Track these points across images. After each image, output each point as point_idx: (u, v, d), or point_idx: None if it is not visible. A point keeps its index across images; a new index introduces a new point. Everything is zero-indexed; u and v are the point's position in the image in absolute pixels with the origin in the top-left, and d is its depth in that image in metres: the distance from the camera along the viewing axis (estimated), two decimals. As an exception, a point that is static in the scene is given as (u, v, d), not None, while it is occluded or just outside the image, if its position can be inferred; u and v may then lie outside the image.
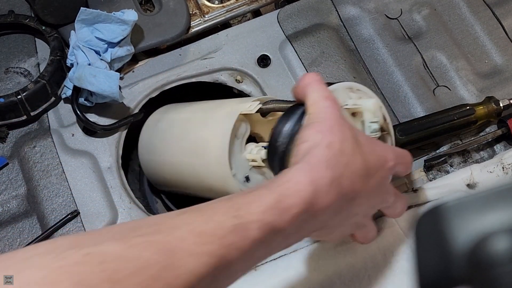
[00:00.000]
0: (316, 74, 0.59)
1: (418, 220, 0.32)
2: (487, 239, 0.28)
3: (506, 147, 0.79)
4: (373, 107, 0.59)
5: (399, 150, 0.61)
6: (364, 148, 0.54)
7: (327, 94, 0.57)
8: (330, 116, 0.54)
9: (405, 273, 0.66)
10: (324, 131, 0.53)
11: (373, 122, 0.59)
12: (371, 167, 0.54)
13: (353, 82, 0.63)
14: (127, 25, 0.76)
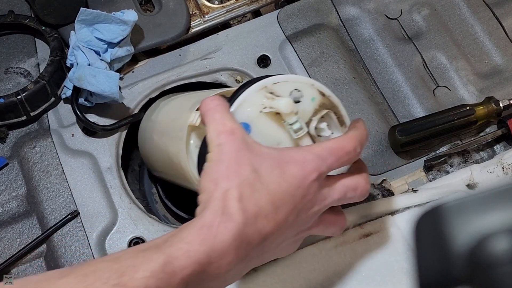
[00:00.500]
0: (216, 99, 0.54)
1: (418, 220, 0.32)
2: (487, 239, 0.28)
3: (506, 148, 0.79)
4: (284, 108, 0.54)
5: (330, 147, 0.52)
6: (270, 179, 0.49)
7: (222, 126, 0.51)
8: (224, 157, 0.49)
9: (405, 273, 0.66)
10: (218, 179, 0.48)
11: (292, 123, 0.54)
12: (281, 198, 0.48)
13: (270, 77, 0.57)
14: (127, 25, 0.76)
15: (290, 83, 0.56)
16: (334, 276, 0.67)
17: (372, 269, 0.67)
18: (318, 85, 0.57)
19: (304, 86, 0.56)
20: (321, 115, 0.57)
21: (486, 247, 0.28)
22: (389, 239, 0.69)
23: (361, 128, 0.56)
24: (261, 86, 0.55)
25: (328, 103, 0.58)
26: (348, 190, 0.55)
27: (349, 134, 0.55)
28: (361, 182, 0.56)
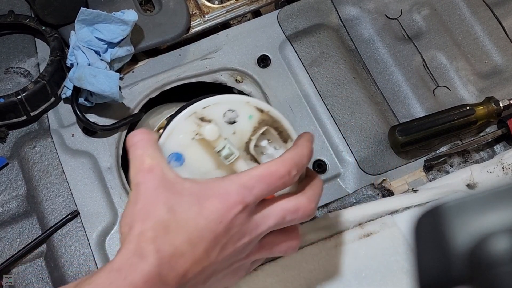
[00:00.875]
0: (139, 133, 0.52)
1: (418, 220, 0.32)
2: (487, 239, 0.28)
3: (506, 147, 0.79)
4: (208, 135, 0.51)
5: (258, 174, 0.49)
6: (187, 216, 0.47)
7: (140, 164, 0.49)
8: (140, 197, 0.48)
9: (405, 273, 0.66)
10: (132, 221, 0.47)
11: (220, 150, 0.51)
12: (199, 235, 0.47)
13: (200, 101, 0.53)
14: (127, 25, 0.76)
15: (222, 105, 0.53)
16: (334, 276, 0.67)
17: (372, 269, 0.67)
18: (254, 101, 0.54)
19: (238, 105, 0.53)
20: (260, 133, 0.53)
21: (486, 247, 0.28)
22: (389, 239, 0.69)
23: (300, 147, 0.52)
24: (189, 113, 0.53)
25: (268, 119, 0.54)
26: (287, 214, 0.51)
27: (283, 157, 0.51)
28: (303, 203, 0.52)
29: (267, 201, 0.51)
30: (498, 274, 0.28)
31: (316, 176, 0.56)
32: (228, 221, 0.47)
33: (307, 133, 0.55)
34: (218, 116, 0.53)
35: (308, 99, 0.81)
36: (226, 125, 0.53)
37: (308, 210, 0.52)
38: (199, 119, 0.52)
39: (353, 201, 0.74)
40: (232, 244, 0.49)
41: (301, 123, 0.79)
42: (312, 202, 0.53)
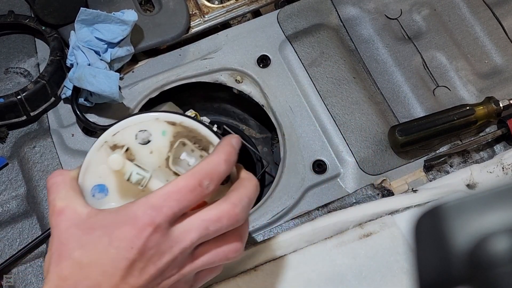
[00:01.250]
0: (54, 176, 0.53)
1: (418, 220, 0.32)
2: (487, 239, 0.28)
3: (506, 148, 0.79)
4: (112, 166, 0.50)
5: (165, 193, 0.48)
6: (98, 249, 0.47)
7: (52, 208, 0.50)
8: (54, 241, 0.49)
9: (405, 273, 0.66)
10: (50, 265, 0.48)
11: (128, 178, 0.51)
12: (113, 265, 0.47)
13: (109, 129, 0.52)
14: (127, 25, 0.76)
15: (131, 127, 0.51)
16: (334, 276, 0.67)
17: (372, 269, 0.67)
18: (163, 116, 0.52)
19: (148, 123, 0.51)
20: (175, 147, 0.52)
21: (486, 247, 0.28)
22: (389, 239, 0.69)
23: (215, 154, 0.50)
24: (100, 144, 0.52)
25: (182, 130, 0.52)
26: (209, 224, 0.49)
27: (193, 169, 0.49)
28: (225, 211, 0.50)
29: (187, 215, 0.50)
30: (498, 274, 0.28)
31: (246, 177, 0.54)
32: (141, 245, 0.47)
33: (228, 136, 0.53)
34: (131, 140, 0.51)
35: (308, 99, 0.81)
36: (141, 146, 0.51)
37: (232, 216, 0.50)
38: (112, 147, 0.51)
39: (353, 201, 0.74)
40: (153, 264, 0.48)
41: (301, 123, 0.79)
42: (236, 207, 0.50)
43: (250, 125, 0.98)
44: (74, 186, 0.52)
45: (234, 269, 0.68)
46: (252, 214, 0.74)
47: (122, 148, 0.51)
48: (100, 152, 0.52)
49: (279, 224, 0.73)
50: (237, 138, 0.53)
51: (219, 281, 0.67)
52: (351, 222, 0.70)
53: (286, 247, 0.69)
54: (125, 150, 0.51)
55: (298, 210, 0.74)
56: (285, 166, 0.77)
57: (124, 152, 0.51)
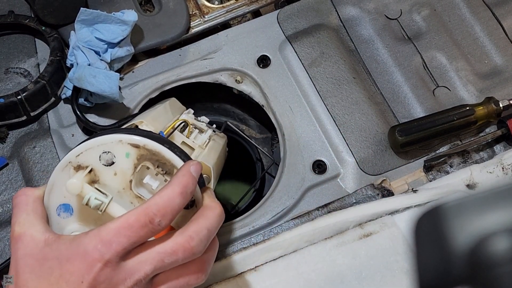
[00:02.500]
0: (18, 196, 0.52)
1: (418, 220, 0.32)
2: (487, 239, 0.28)
3: (506, 148, 0.79)
4: (70, 191, 0.49)
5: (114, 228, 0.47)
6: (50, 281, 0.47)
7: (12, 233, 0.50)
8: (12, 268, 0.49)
9: (405, 273, 0.66)
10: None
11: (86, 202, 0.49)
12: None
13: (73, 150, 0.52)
14: (127, 25, 0.76)
15: (94, 149, 0.51)
16: (334, 276, 0.67)
17: (372, 269, 0.67)
18: (127, 138, 0.51)
19: (111, 145, 0.50)
20: (138, 171, 0.51)
21: (486, 247, 0.28)
22: (389, 239, 0.69)
23: (170, 187, 0.49)
24: (64, 164, 0.51)
25: (146, 153, 0.51)
26: (164, 257, 0.48)
27: (145, 204, 0.48)
28: (181, 244, 0.49)
29: (142, 246, 0.49)
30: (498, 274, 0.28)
31: (209, 206, 0.52)
32: (91, 279, 0.46)
33: (187, 164, 0.51)
34: (94, 161, 0.51)
35: (308, 99, 0.81)
36: (105, 167, 0.51)
37: (188, 250, 0.48)
38: (76, 168, 0.51)
39: (353, 201, 0.74)
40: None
41: (301, 123, 0.79)
42: (192, 240, 0.49)
43: (250, 125, 0.98)
44: (36, 208, 0.52)
45: (234, 269, 0.68)
46: (252, 214, 0.74)
47: (85, 169, 0.50)
48: (64, 172, 0.51)
49: (279, 224, 0.73)
50: (196, 165, 0.51)
51: (219, 281, 0.67)
52: (351, 222, 0.70)
53: (286, 247, 0.69)
54: (89, 171, 0.50)
55: (298, 210, 0.74)
56: (285, 166, 0.77)
57: (87, 173, 0.50)
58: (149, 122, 0.61)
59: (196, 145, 0.66)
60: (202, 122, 0.70)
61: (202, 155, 0.65)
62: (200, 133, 0.70)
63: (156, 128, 0.61)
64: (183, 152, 0.54)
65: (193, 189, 0.50)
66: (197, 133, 0.69)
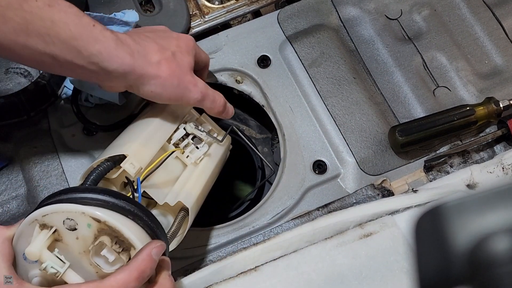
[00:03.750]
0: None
1: (418, 220, 0.32)
2: (487, 239, 0.28)
3: (506, 148, 0.79)
4: (28, 256, 0.52)
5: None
6: None
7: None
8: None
9: (405, 273, 0.66)
10: None
11: (43, 269, 0.52)
12: None
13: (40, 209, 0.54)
14: (129, 26, 0.76)
15: (60, 214, 0.53)
16: (334, 276, 0.67)
17: (372, 269, 0.67)
18: (90, 211, 0.52)
19: (74, 215, 0.52)
20: (96, 244, 0.53)
21: (486, 247, 0.28)
22: (389, 239, 0.69)
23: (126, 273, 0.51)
24: (31, 220, 0.53)
25: (107, 229, 0.53)
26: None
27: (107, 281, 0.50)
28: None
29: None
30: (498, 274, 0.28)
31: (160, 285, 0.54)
32: None
33: (149, 245, 0.53)
34: (59, 223, 0.53)
35: (308, 99, 0.81)
36: (68, 231, 0.53)
37: None
38: (41, 226, 0.53)
39: (353, 201, 0.74)
40: None
41: (301, 123, 0.79)
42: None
43: (250, 125, 0.98)
44: (4, 249, 0.54)
45: (234, 269, 0.68)
46: (252, 215, 0.74)
47: (50, 229, 0.53)
48: (31, 227, 0.53)
49: (280, 225, 0.73)
50: (159, 247, 0.53)
51: (219, 281, 0.67)
52: (351, 222, 0.70)
53: (286, 247, 0.69)
54: (53, 231, 0.52)
55: (299, 210, 0.74)
56: (285, 166, 0.77)
57: (51, 233, 0.52)
58: (135, 155, 0.61)
59: (190, 162, 0.68)
60: (202, 132, 0.70)
61: (192, 177, 0.67)
62: (198, 144, 0.70)
63: (143, 158, 0.62)
64: (150, 224, 0.56)
65: (150, 273, 0.52)
66: (193, 147, 0.69)
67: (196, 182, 0.67)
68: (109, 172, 0.61)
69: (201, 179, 0.68)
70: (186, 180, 0.67)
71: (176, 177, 0.67)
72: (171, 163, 0.67)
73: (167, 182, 0.66)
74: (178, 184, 0.66)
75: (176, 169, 0.68)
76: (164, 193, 0.64)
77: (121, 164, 0.60)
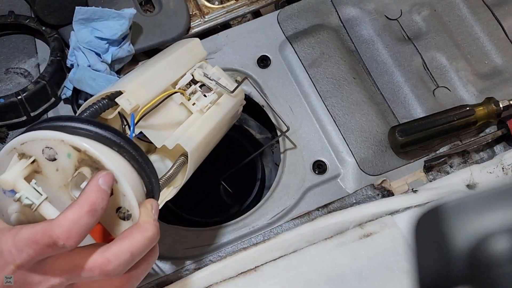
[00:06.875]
0: None
1: (418, 220, 0.32)
2: (487, 239, 0.28)
3: (506, 148, 0.79)
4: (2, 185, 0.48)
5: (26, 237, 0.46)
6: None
7: None
8: None
9: (405, 273, 0.66)
10: None
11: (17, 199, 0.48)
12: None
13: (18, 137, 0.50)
14: (124, 19, 0.76)
15: (39, 142, 0.49)
16: (334, 276, 0.67)
17: (372, 269, 0.67)
18: (69, 139, 0.48)
19: (54, 143, 0.48)
20: (75, 175, 0.49)
21: (486, 247, 0.28)
22: (389, 239, 0.69)
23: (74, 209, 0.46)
24: (9, 149, 0.49)
25: (87, 158, 0.49)
26: (81, 271, 0.47)
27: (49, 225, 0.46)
28: (98, 263, 0.47)
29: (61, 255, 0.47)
30: (498, 274, 0.28)
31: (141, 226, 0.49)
32: (2, 279, 0.46)
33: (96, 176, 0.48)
34: (38, 153, 0.49)
35: (308, 99, 0.81)
36: (48, 161, 0.49)
37: (104, 272, 0.47)
38: (20, 155, 0.49)
39: (353, 201, 0.74)
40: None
41: (301, 123, 0.79)
42: (109, 264, 0.46)
43: (250, 125, 0.98)
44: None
45: (234, 269, 0.68)
46: (252, 215, 0.74)
47: (28, 158, 0.49)
48: (9, 156, 0.50)
49: (280, 225, 0.73)
50: (106, 176, 0.48)
51: (219, 281, 0.67)
52: (351, 222, 0.70)
53: (286, 247, 0.69)
54: (32, 161, 0.49)
55: (298, 210, 0.74)
56: (285, 166, 0.77)
57: (30, 163, 0.49)
58: (133, 93, 0.58)
59: (196, 109, 0.64)
60: (211, 81, 0.66)
61: (192, 128, 0.62)
62: (206, 92, 0.66)
63: (141, 98, 0.58)
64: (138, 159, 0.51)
65: (104, 205, 0.47)
66: (200, 95, 0.65)
67: (199, 128, 0.63)
68: (106, 112, 0.56)
69: (206, 126, 0.64)
70: (189, 127, 0.63)
71: (179, 123, 0.63)
72: (174, 109, 0.63)
73: (168, 126, 0.62)
74: (180, 130, 0.62)
75: (179, 115, 0.64)
76: (163, 136, 0.61)
77: (116, 99, 0.56)
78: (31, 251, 0.46)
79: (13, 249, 0.46)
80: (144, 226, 0.49)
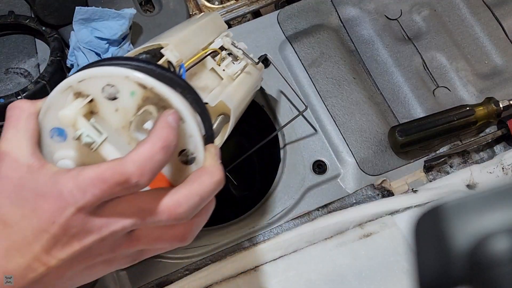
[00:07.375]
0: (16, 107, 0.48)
1: (418, 220, 0.32)
2: (487, 239, 0.28)
3: (506, 148, 0.79)
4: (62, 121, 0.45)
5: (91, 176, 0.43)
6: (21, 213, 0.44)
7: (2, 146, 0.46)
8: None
9: (405, 273, 0.66)
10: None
11: (77, 137, 0.45)
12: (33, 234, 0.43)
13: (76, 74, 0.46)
14: (124, 19, 0.76)
15: (99, 79, 0.45)
16: (334, 276, 0.67)
17: (372, 269, 0.67)
18: (134, 76, 0.45)
19: (117, 80, 0.45)
20: (140, 113, 0.46)
21: (486, 247, 0.28)
22: (389, 239, 0.69)
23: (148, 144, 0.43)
24: (65, 87, 0.46)
25: (153, 97, 0.46)
26: (146, 216, 0.45)
27: (122, 161, 0.43)
28: (166, 207, 0.45)
29: (126, 198, 0.45)
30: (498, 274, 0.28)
31: (208, 170, 0.47)
32: (62, 222, 0.43)
33: (164, 114, 0.45)
34: (97, 91, 0.46)
35: (308, 99, 0.81)
36: (107, 101, 0.46)
37: (173, 216, 0.45)
38: (76, 94, 0.46)
39: (353, 201, 0.74)
40: (78, 241, 0.44)
41: (301, 123, 0.79)
42: (179, 207, 0.45)
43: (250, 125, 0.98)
44: (28, 126, 0.47)
45: (234, 269, 0.68)
46: (252, 215, 0.74)
47: (86, 97, 0.46)
48: (63, 95, 0.46)
49: (280, 225, 0.73)
50: (173, 114, 0.45)
51: (219, 281, 0.67)
52: (351, 222, 0.70)
53: (286, 247, 0.69)
54: (89, 100, 0.46)
55: (298, 210, 0.74)
56: (285, 166, 0.77)
57: (87, 103, 0.46)
58: (176, 46, 0.55)
59: (226, 75, 0.63)
60: (239, 50, 0.66)
61: (229, 88, 0.62)
62: (234, 61, 0.66)
63: (182, 53, 0.56)
64: (198, 99, 0.48)
65: (175, 142, 0.44)
66: (230, 61, 0.65)
67: (235, 90, 0.62)
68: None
69: (239, 90, 0.63)
70: (223, 89, 0.61)
71: (209, 89, 0.61)
72: (205, 74, 0.62)
73: (202, 89, 0.61)
74: (216, 90, 0.60)
75: (211, 81, 0.62)
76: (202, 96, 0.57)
77: (161, 50, 0.53)
78: (97, 191, 0.43)
79: (75, 189, 0.43)
80: (211, 170, 0.47)
